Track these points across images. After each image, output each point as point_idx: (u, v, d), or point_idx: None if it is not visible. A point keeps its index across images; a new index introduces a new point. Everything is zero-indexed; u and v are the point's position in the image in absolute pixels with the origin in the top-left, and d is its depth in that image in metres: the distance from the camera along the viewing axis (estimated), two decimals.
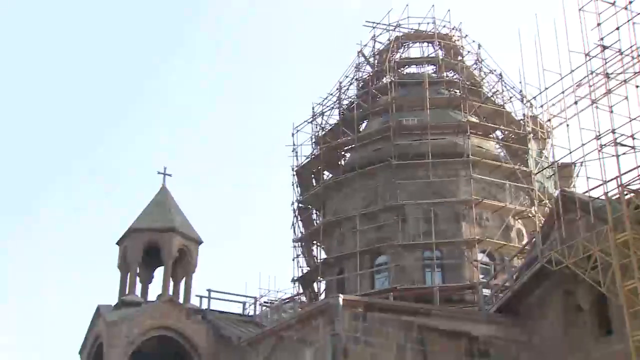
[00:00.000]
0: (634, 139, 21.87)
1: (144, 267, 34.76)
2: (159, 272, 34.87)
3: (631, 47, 22.58)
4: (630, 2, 22.55)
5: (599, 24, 23.10)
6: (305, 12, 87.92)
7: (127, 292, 33.73)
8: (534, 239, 26.68)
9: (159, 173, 36.49)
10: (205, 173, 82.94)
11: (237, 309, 35.23)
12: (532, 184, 34.28)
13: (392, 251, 33.02)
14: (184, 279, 34.74)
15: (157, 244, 33.91)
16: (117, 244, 35.05)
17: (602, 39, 23.04)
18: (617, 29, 22.75)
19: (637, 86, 22.24)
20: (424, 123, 35.03)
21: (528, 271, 25.12)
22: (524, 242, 33.33)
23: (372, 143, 36.39)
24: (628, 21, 22.54)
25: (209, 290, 34.40)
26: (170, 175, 36.59)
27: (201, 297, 34.29)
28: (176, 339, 31.41)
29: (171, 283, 34.17)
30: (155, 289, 34.64)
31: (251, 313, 35.13)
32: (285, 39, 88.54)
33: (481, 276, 32.07)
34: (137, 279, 34.59)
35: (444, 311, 25.60)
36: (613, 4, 22.89)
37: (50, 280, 77.12)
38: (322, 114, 39.34)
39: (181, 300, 33.87)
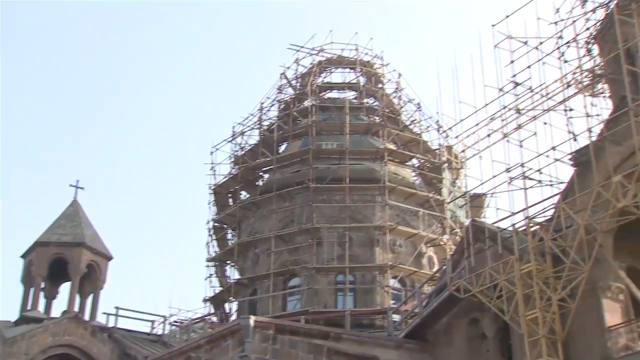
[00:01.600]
0: (541, 173, 22.75)
1: (50, 282, 33.63)
2: (65, 288, 33.84)
3: (541, 85, 23.57)
4: (541, 43, 23.58)
5: (512, 62, 24.04)
6: (231, 31, 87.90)
7: (29, 308, 32.51)
8: (444, 267, 27.23)
9: (70, 186, 35.55)
10: (121, 188, 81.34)
11: (145, 327, 34.46)
12: (445, 212, 35.08)
13: (306, 274, 33.08)
14: (91, 295, 33.75)
15: (65, 258, 32.91)
16: (22, 257, 33.83)
17: (514, 75, 23.98)
18: (529, 67, 23.73)
19: (545, 123, 23.18)
20: (342, 148, 35.41)
21: (437, 298, 25.57)
22: (435, 269, 33.96)
23: (291, 165, 36.53)
24: (538, 60, 23.55)
25: (117, 308, 33.53)
26: (82, 188, 35.68)
27: (108, 314, 33.39)
28: (79, 358, 30.39)
29: (78, 299, 33.12)
30: (60, 305, 33.58)
31: (160, 332, 34.39)
32: (209, 57, 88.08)
33: (392, 302, 32.46)
34: (42, 294, 33.43)
35: (354, 336, 25.71)
36: (525, 43, 23.87)
37: None
38: (242, 133, 39.22)
39: (87, 317, 32.86)
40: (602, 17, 23.91)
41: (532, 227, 22.16)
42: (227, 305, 36.79)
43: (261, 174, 38.99)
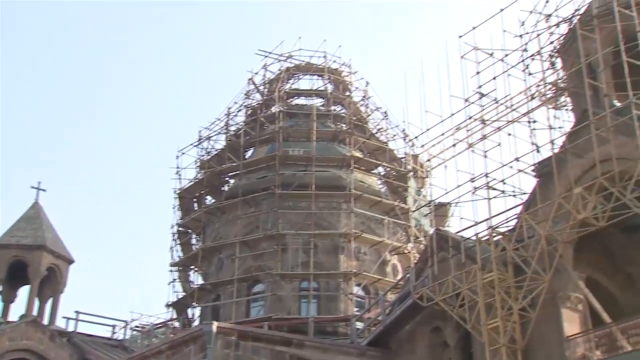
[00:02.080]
0: (504, 183, 23.02)
1: (8, 285, 33.06)
2: (24, 291, 33.30)
3: (506, 96, 23.89)
4: (507, 55, 23.92)
5: (478, 73, 24.33)
6: (199, 34, 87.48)
7: None
8: (407, 275, 27.38)
9: (32, 187, 35.01)
10: (84, 191, 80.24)
11: (106, 332, 34.05)
12: (410, 221, 35.30)
13: (270, 280, 33.00)
14: (51, 299, 33.24)
15: (25, 261, 32.41)
16: None
17: (480, 86, 24.28)
18: (494, 78, 24.05)
19: (509, 134, 23.48)
20: (309, 154, 35.46)
21: (400, 306, 25.71)
22: (399, 277, 34.14)
23: (257, 171, 36.44)
24: (504, 72, 23.87)
25: (77, 312, 33.09)
26: (44, 190, 35.20)
27: (68, 318, 32.95)
28: None
29: (37, 303, 32.60)
30: (19, 309, 33.02)
31: (121, 337, 34.00)
32: (177, 60, 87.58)
33: (355, 309, 32.54)
34: (0, 297, 32.84)
35: (317, 343, 25.76)
36: (491, 55, 24.18)
37: None
38: (208, 138, 39.04)
39: (46, 321, 32.35)
40: (565, 32, 24.33)
41: (495, 236, 22.43)
42: (190, 311, 36.51)
43: (227, 179, 38.85)
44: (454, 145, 24.66)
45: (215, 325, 23.17)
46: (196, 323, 35.02)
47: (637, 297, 22.71)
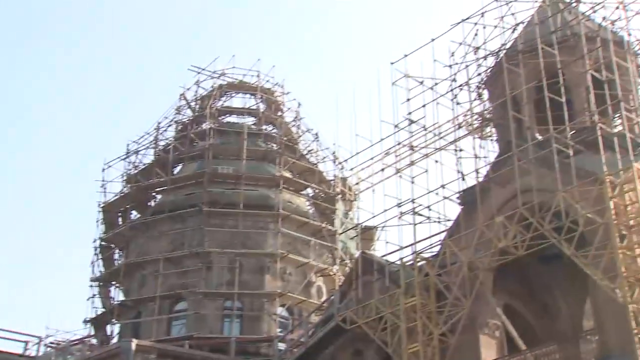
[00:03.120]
0: (430, 210, 23.44)
1: None
2: None
3: (434, 124, 24.42)
4: (436, 84, 24.48)
5: (408, 100, 24.82)
6: (132, 47, 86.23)
7: None
8: (332, 297, 27.47)
9: None
10: (6, 199, 77.42)
11: (18, 348, 32.75)
12: (336, 243, 35.48)
13: (193, 298, 32.55)
14: None
15: None
16: None
17: (409, 113, 24.75)
18: (424, 106, 24.56)
19: (436, 161, 23.95)
20: (238, 173, 35.32)
21: (323, 328, 25.74)
22: (323, 299, 34.19)
23: (185, 187, 36.05)
24: (433, 100, 24.41)
25: None
26: None
27: None
28: None
29: None
30: None
31: (34, 354, 32.78)
32: (108, 71, 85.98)
33: (279, 330, 32.42)
34: None
35: None
36: (421, 83, 24.71)
37: None
38: (136, 152, 38.46)
39: None
40: (492, 65, 25.07)
41: (419, 262, 22.76)
42: (109, 328, 35.63)
43: (154, 194, 38.27)
44: (382, 169, 25.02)
45: (134, 343, 22.78)
46: (115, 340, 34.18)
47: (551, 324, 23.41)
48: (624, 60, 22.32)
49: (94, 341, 34.69)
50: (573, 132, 21.87)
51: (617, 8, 22.86)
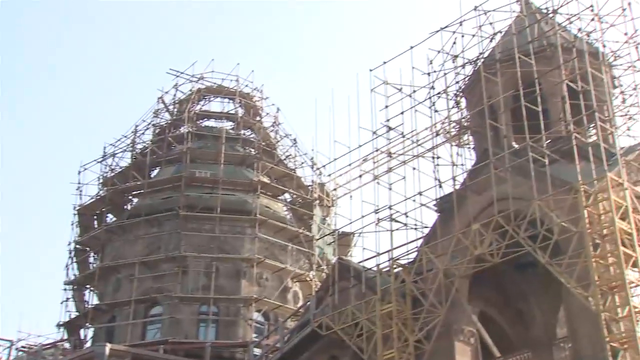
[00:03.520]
0: (407, 216, 23.53)
1: None
2: None
3: (412, 131, 24.53)
4: (415, 91, 24.62)
5: (386, 106, 24.92)
6: (111, 49, 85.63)
7: None
8: (308, 303, 27.45)
9: None
10: None
11: None
12: (313, 249, 35.48)
13: (169, 302, 32.37)
14: None
15: None
16: None
17: (388, 120, 24.84)
18: (402, 113, 24.69)
19: (414, 168, 24.08)
20: (216, 177, 35.21)
21: (299, 334, 25.70)
22: (299, 304, 34.17)
23: (162, 191, 35.87)
24: (411, 108, 24.53)
25: None
26: None
27: None
28: None
29: None
30: None
31: (5, 358, 32.36)
32: (85, 73, 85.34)
33: (254, 335, 32.32)
34: None
35: None
36: (400, 90, 24.83)
37: None
38: (113, 155, 38.19)
39: None
40: (470, 73, 25.27)
41: (395, 268, 22.82)
42: (82, 332, 35.28)
43: (130, 197, 38.02)
44: (360, 176, 25.11)
45: (108, 347, 22.63)
46: (88, 344, 33.85)
47: (526, 331, 23.59)
48: (599, 71, 22.61)
49: (66, 345, 34.33)
50: (549, 141, 22.11)
51: (592, 20, 23.17)
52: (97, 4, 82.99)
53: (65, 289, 35.89)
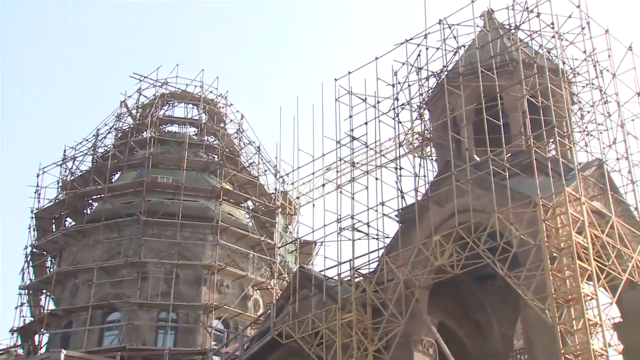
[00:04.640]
0: (369, 226, 23.64)
1: None
2: None
3: (375, 142, 24.70)
4: (379, 102, 24.79)
5: (350, 116, 25.01)
6: (74, 51, 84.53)
7: None
8: (268, 311, 27.39)
9: None
10: None
11: None
12: (275, 257, 35.45)
13: (127, 309, 32.01)
14: None
15: None
16: None
17: (352, 130, 24.94)
18: (366, 123, 24.81)
19: (377, 178, 24.20)
20: (178, 183, 35.01)
21: (259, 342, 25.61)
22: (260, 312, 34.07)
23: (123, 196, 35.56)
24: (375, 118, 24.70)
25: None
26: None
27: None
28: None
29: None
30: None
31: None
32: (46, 73, 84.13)
33: (213, 343, 32.13)
34: None
35: None
36: (364, 100, 24.96)
37: None
38: (73, 158, 37.75)
39: None
40: (434, 85, 25.55)
41: (356, 278, 22.91)
42: (37, 337, 34.70)
43: (90, 202, 37.58)
44: (323, 185, 25.27)
45: (63, 353, 22.33)
46: (43, 351, 33.29)
47: (483, 343, 23.87)
48: (559, 87, 23.03)
49: (20, 351, 33.74)
50: (509, 154, 22.43)
51: (553, 37, 23.58)
52: (58, 6, 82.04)
53: (20, 294, 35.33)
